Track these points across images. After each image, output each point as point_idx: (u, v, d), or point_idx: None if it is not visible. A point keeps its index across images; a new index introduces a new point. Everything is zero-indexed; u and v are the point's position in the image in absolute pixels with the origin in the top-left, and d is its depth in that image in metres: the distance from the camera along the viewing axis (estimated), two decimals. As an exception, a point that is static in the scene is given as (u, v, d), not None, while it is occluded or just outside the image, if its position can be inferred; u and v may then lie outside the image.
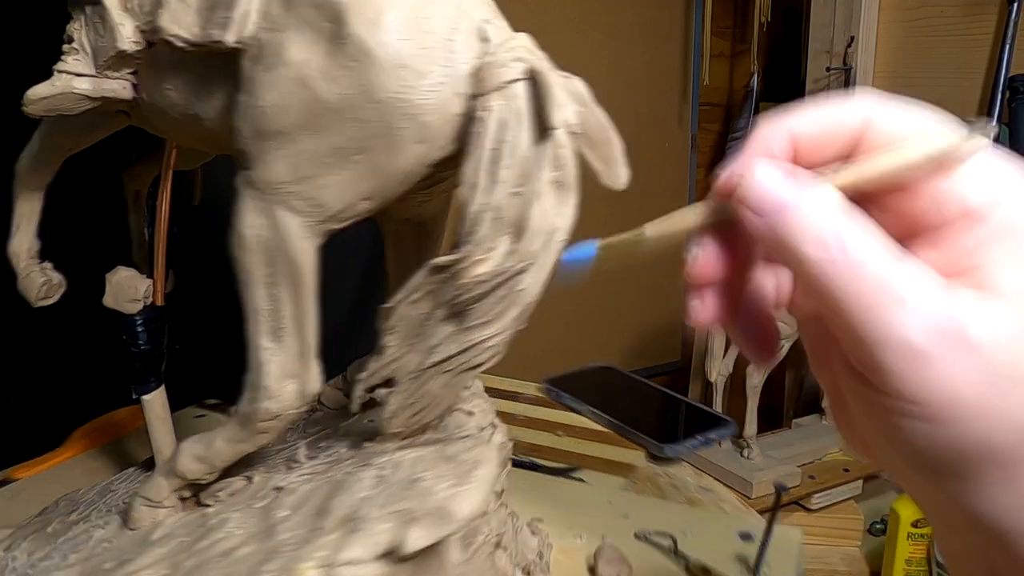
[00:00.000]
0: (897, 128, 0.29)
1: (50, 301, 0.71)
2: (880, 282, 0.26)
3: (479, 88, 0.44)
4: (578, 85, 0.46)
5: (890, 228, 0.28)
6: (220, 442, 0.55)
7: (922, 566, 1.40)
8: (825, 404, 1.62)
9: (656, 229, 0.33)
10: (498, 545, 0.57)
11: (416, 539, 0.45)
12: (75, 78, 0.55)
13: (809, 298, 0.31)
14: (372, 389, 0.53)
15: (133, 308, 0.73)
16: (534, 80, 0.43)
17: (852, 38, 1.72)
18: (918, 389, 0.25)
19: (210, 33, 0.48)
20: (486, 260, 0.42)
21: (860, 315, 0.26)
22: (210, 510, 0.57)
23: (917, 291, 0.26)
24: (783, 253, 0.28)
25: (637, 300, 2.29)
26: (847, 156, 0.30)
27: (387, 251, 0.62)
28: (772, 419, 1.98)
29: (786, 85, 2.17)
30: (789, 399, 1.96)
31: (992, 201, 0.27)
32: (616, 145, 0.48)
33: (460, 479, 0.49)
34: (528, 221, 0.43)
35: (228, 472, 0.58)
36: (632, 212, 0.58)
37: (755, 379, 1.47)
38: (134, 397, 0.74)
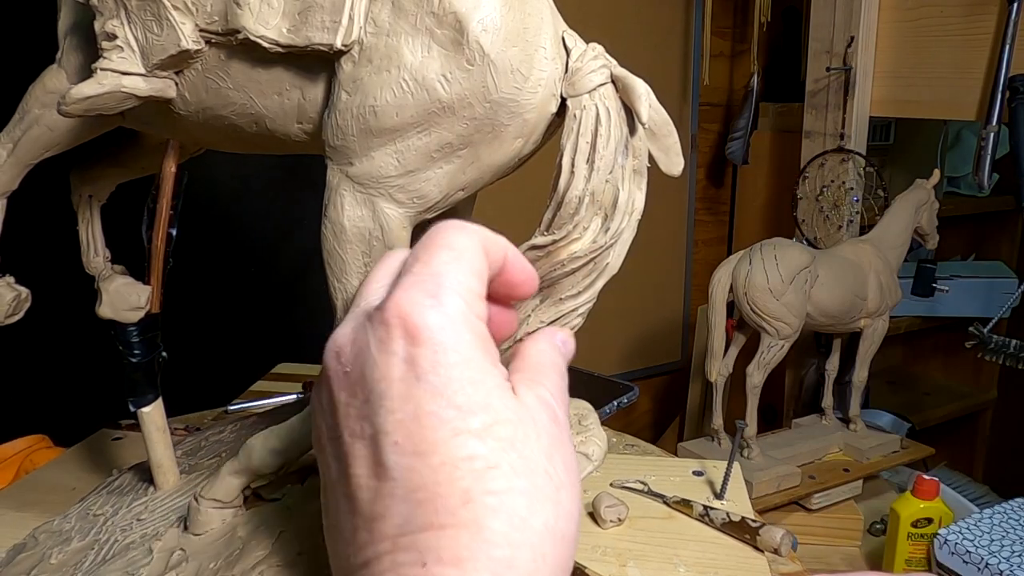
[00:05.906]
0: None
1: (17, 317, 0.69)
2: None
3: (573, 90, 0.51)
4: (645, 85, 0.53)
5: None
6: (301, 432, 0.58)
7: (922, 566, 1.39)
8: (825, 404, 1.66)
9: None
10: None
11: None
12: (123, 76, 0.55)
13: None
14: None
15: (134, 317, 0.72)
16: (619, 83, 0.52)
17: (852, 38, 1.77)
18: None
19: (309, 36, 0.51)
20: (582, 239, 0.51)
21: None
22: (292, 502, 0.60)
23: None
24: None
25: (637, 300, 2.37)
26: None
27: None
28: (772, 419, 2.06)
29: (786, 85, 2.24)
30: (789, 399, 2.03)
31: None
32: (676, 138, 0.55)
33: (576, 430, 0.56)
34: (616, 203, 0.51)
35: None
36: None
37: (755, 379, 1.47)
38: (132, 411, 0.74)
